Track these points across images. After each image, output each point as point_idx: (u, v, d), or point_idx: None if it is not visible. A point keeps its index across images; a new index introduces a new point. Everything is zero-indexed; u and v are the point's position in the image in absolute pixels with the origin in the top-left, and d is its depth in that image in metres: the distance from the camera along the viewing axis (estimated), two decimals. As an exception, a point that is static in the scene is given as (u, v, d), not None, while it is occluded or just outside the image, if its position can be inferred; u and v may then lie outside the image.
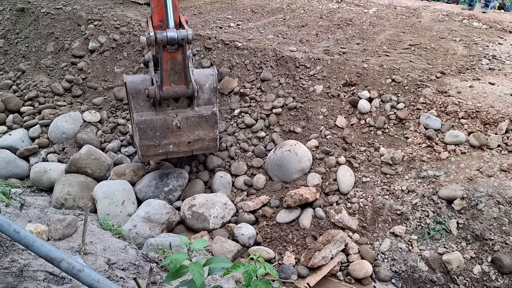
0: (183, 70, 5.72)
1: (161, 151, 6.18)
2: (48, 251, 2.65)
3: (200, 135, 6.24)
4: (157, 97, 5.77)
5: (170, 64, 5.63)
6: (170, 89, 5.79)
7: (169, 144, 6.15)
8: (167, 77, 5.72)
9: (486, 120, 6.34)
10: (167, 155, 6.35)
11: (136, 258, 4.44)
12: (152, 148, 6.11)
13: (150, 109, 5.98)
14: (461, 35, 9.43)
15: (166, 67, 5.64)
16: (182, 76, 5.76)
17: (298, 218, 6.17)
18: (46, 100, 8.82)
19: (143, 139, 6.00)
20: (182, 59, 5.63)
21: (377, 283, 5.51)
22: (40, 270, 3.56)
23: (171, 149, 6.20)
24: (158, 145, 6.10)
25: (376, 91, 7.21)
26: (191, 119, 6.11)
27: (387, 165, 6.50)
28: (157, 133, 6.02)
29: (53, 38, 9.78)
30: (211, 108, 6.21)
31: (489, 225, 5.34)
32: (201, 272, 2.13)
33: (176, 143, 6.18)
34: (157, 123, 5.97)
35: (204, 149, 6.48)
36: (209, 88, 6.19)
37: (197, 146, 6.33)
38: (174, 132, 6.08)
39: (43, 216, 4.82)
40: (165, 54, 5.54)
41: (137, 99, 5.93)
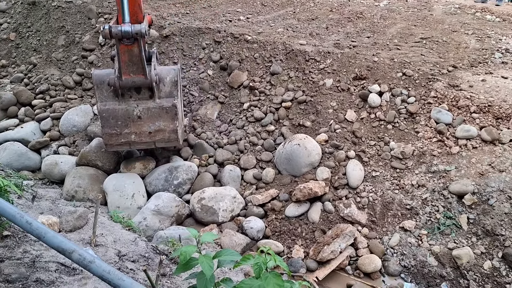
0: (140, 61, 5.97)
1: (123, 141, 6.42)
2: (60, 243, 2.68)
3: (160, 126, 6.42)
4: (116, 85, 6.06)
5: (128, 55, 5.91)
6: (129, 78, 6.07)
7: (130, 134, 6.39)
8: (126, 68, 6.00)
9: (498, 115, 6.27)
10: (129, 145, 6.55)
11: (146, 250, 4.47)
12: (114, 137, 6.37)
13: (113, 99, 6.27)
14: (473, 28, 9.30)
15: (124, 58, 5.92)
16: (140, 67, 6.02)
17: (307, 212, 6.17)
18: (57, 93, 8.89)
19: (105, 127, 6.29)
20: (139, 51, 5.89)
21: (386, 277, 5.50)
22: (52, 261, 3.61)
23: (133, 138, 6.42)
24: (120, 134, 6.35)
25: (387, 85, 7.15)
26: (152, 110, 6.34)
27: (397, 160, 6.46)
28: (118, 121, 6.28)
29: (64, 31, 9.83)
30: (172, 101, 6.39)
31: (500, 220, 5.29)
32: (210, 264, 2.14)
33: (137, 133, 6.41)
34: (118, 112, 6.24)
35: (165, 141, 6.64)
36: (170, 81, 6.39)
37: (158, 137, 6.51)
38: (135, 121, 6.33)
39: (55, 208, 4.88)
40: (122, 46, 5.82)
41: (101, 90, 6.23)
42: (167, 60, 8.68)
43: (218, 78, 8.38)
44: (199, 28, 8.87)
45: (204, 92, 8.30)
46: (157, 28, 9.04)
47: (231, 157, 7.23)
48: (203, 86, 8.32)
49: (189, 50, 8.73)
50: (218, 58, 8.48)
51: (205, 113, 8.08)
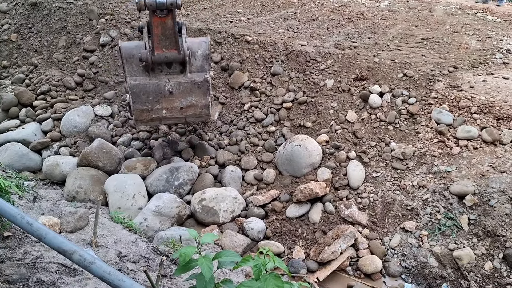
0: (173, 35, 5.80)
1: (154, 116, 6.29)
2: (60, 243, 2.69)
3: (192, 101, 6.32)
4: (148, 61, 5.88)
5: (161, 29, 5.72)
6: (161, 53, 5.90)
7: (161, 109, 6.25)
8: (158, 42, 5.82)
9: (499, 115, 6.26)
10: (160, 120, 6.47)
11: (146, 251, 4.48)
12: (145, 113, 6.22)
13: (143, 74, 6.08)
14: (474, 28, 9.29)
15: (157, 32, 5.73)
16: (173, 41, 5.86)
17: (307, 212, 6.17)
18: (58, 94, 8.90)
19: (136, 103, 6.12)
20: (172, 24, 5.72)
21: (386, 278, 5.49)
22: (53, 262, 3.61)
23: (163, 114, 6.29)
24: (151, 110, 6.21)
25: (387, 85, 7.15)
26: (183, 85, 6.20)
27: (397, 160, 6.46)
28: (150, 97, 6.13)
29: (65, 32, 9.85)
30: (204, 75, 6.26)
31: (501, 221, 5.28)
32: (210, 265, 2.14)
33: (168, 108, 6.28)
34: (150, 88, 6.09)
35: (197, 116, 6.56)
36: (202, 55, 6.23)
37: (189, 112, 6.41)
38: (167, 97, 6.19)
39: (56, 209, 4.88)
40: (155, 19, 5.62)
41: (130, 64, 6.02)
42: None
43: (219, 79, 8.38)
44: (200, 29, 8.88)
45: (205, 92, 8.30)
46: (158, 29, 9.04)
47: (232, 158, 7.24)
48: (204, 87, 8.31)
49: (190, 51, 8.72)
50: (219, 59, 8.49)
51: (206, 113, 8.08)
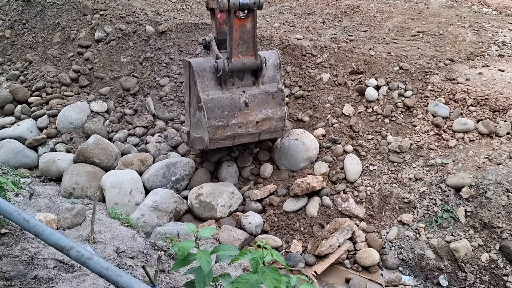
0: (251, 39, 5.60)
1: (229, 133, 5.94)
2: (58, 240, 2.68)
3: (268, 114, 6.05)
4: (226, 70, 5.62)
5: (240, 32, 5.49)
6: (238, 60, 5.67)
7: (237, 125, 5.92)
8: (236, 48, 5.59)
9: (495, 107, 6.27)
10: (234, 139, 6.11)
11: (144, 247, 4.48)
12: (220, 130, 5.85)
13: (215, 88, 5.83)
14: (470, 21, 9.29)
15: (236, 36, 5.49)
16: (250, 46, 5.66)
17: (305, 206, 6.18)
18: (54, 90, 8.86)
19: (211, 119, 5.74)
20: (252, 26, 5.52)
21: (384, 271, 5.52)
22: (50, 258, 3.61)
23: (239, 130, 5.97)
24: (227, 126, 5.86)
25: (384, 78, 7.15)
26: (258, 96, 5.94)
27: (394, 153, 6.47)
28: (225, 111, 5.81)
29: (59, 28, 9.78)
30: (277, 85, 6.09)
31: (498, 213, 5.31)
32: (208, 259, 2.14)
33: (244, 123, 5.97)
34: (224, 101, 5.79)
35: (272, 130, 6.29)
36: (273, 65, 6.05)
37: (265, 126, 6.12)
38: (242, 110, 5.89)
39: (52, 205, 4.88)
40: (236, 21, 5.39)
41: (202, 78, 5.77)
42: (163, 56, 8.65)
43: (215, 74, 8.34)
44: (195, 24, 8.84)
45: (201, 87, 8.27)
46: (153, 24, 9.00)
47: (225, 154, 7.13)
48: (200, 81, 8.28)
49: (185, 46, 8.70)
50: (215, 53, 8.44)
51: (202, 109, 8.06)
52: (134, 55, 8.90)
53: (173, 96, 8.26)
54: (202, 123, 5.87)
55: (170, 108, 8.18)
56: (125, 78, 8.68)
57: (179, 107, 8.16)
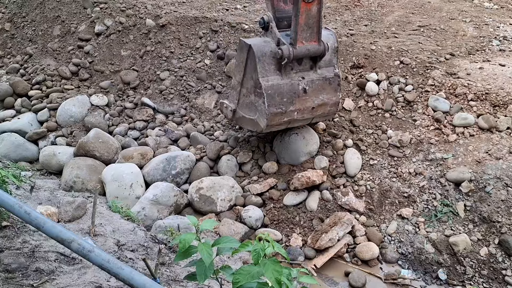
0: (316, 24, 5.39)
1: (285, 119, 5.86)
2: (59, 232, 2.69)
3: (324, 99, 5.95)
4: (291, 57, 5.42)
5: (305, 17, 5.25)
6: (303, 47, 5.46)
7: (294, 111, 5.83)
8: (300, 33, 5.35)
9: (495, 102, 6.28)
10: (288, 123, 6.07)
11: (145, 240, 4.50)
12: (278, 116, 5.76)
13: (274, 73, 5.65)
14: (471, 15, 9.26)
15: (301, 21, 5.25)
16: (315, 31, 5.45)
17: (305, 200, 6.19)
18: (54, 83, 8.84)
19: (271, 106, 5.60)
20: (317, 10, 5.31)
21: (383, 264, 5.55)
22: (51, 251, 3.63)
23: (295, 116, 5.88)
24: (284, 112, 5.76)
25: (384, 73, 7.14)
26: (316, 82, 5.82)
27: (394, 148, 6.48)
28: (284, 98, 5.67)
29: (59, 21, 9.74)
30: (333, 70, 5.96)
31: (497, 207, 5.33)
32: (209, 252, 2.15)
33: (301, 109, 5.87)
34: (283, 88, 5.65)
35: (325, 115, 6.25)
36: (331, 48, 5.83)
37: (319, 112, 6.06)
38: (300, 97, 5.76)
39: (53, 198, 4.89)
40: (303, 4, 5.13)
41: (262, 63, 5.55)
42: (163, 49, 8.63)
43: (215, 68, 8.33)
44: (195, 17, 8.81)
45: (201, 81, 8.27)
46: (153, 17, 8.97)
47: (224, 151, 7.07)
48: (200, 75, 8.28)
49: (185, 40, 8.67)
50: (215, 47, 8.43)
51: (203, 102, 8.06)
52: (134, 49, 8.87)
53: (173, 90, 8.25)
54: (258, 108, 5.74)
55: (170, 102, 8.18)
56: (125, 71, 8.66)
57: (179, 101, 8.16)
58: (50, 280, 3.24)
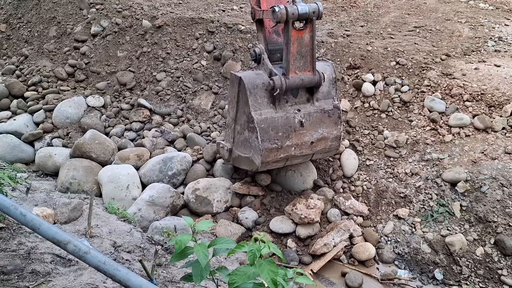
0: (309, 52, 5.17)
1: (282, 156, 5.53)
2: (55, 234, 2.68)
3: (323, 134, 5.65)
4: (283, 88, 5.15)
5: (297, 45, 5.04)
6: (296, 77, 5.21)
7: (291, 146, 5.51)
8: (293, 63, 5.14)
9: (491, 103, 6.30)
10: (286, 160, 5.72)
11: (141, 241, 4.49)
12: (273, 152, 5.42)
13: (268, 106, 5.36)
14: (467, 16, 9.29)
15: (293, 50, 5.04)
16: (308, 60, 5.23)
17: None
18: (50, 85, 8.81)
19: (264, 141, 5.29)
20: (310, 38, 5.10)
21: (380, 265, 5.55)
22: (47, 252, 3.62)
23: (293, 152, 5.56)
24: (280, 148, 5.44)
25: (380, 74, 7.16)
26: (313, 114, 5.53)
27: (391, 148, 6.50)
28: (279, 133, 5.37)
29: (55, 22, 9.73)
30: (332, 102, 5.68)
31: (493, 207, 5.35)
32: (206, 252, 2.15)
33: (298, 144, 5.56)
34: (278, 122, 5.35)
35: (326, 151, 5.91)
36: (328, 79, 5.59)
37: (319, 147, 5.74)
38: (297, 131, 5.49)
39: (49, 200, 4.88)
40: (294, 33, 4.94)
41: (254, 96, 5.28)
42: (160, 50, 8.62)
43: (211, 69, 8.34)
44: (192, 18, 8.81)
45: (198, 82, 8.27)
46: (150, 18, 8.97)
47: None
48: (197, 76, 8.28)
49: (182, 41, 8.67)
50: (212, 48, 8.43)
51: (199, 103, 8.06)
52: (131, 50, 8.87)
53: (170, 91, 8.25)
54: (252, 144, 5.46)
55: (167, 103, 8.17)
56: (121, 72, 8.65)
57: (176, 102, 8.15)
58: (46, 282, 3.23)
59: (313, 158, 6.06)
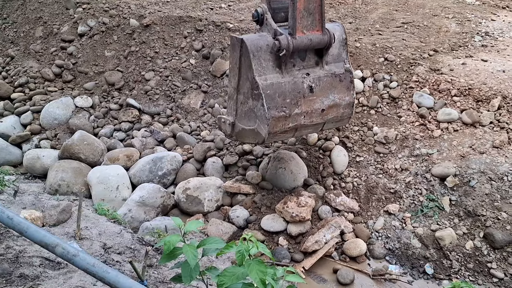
0: (318, 9, 4.75)
1: (291, 125, 5.09)
2: (43, 237, 2.66)
3: (335, 100, 5.23)
4: (290, 48, 4.73)
5: (304, 1, 4.63)
6: (303, 36, 4.78)
7: (300, 115, 5.08)
8: (300, 21, 4.71)
9: (478, 97, 6.35)
10: (295, 131, 5.32)
11: (132, 242, 4.46)
12: (281, 121, 4.98)
13: (273, 71, 4.91)
14: (454, 12, 9.36)
15: (300, 6, 4.62)
16: (317, 18, 4.79)
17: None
18: (37, 86, 8.72)
19: (271, 109, 4.84)
20: None
21: (371, 260, 5.58)
22: (36, 256, 3.58)
23: (302, 121, 5.13)
24: (289, 116, 5.00)
25: (369, 70, 7.19)
26: (324, 79, 5.10)
27: (380, 144, 6.52)
28: (286, 99, 4.92)
29: (41, 22, 9.62)
30: (343, 65, 5.30)
31: (481, 201, 5.40)
32: (194, 253, 2.14)
33: (308, 112, 5.12)
34: (285, 87, 4.90)
35: (338, 119, 5.53)
36: (339, 41, 5.18)
37: (331, 115, 5.33)
38: (306, 97, 5.04)
39: (37, 202, 4.82)
40: None
41: (258, 59, 4.82)
42: (148, 50, 8.56)
43: (200, 67, 8.30)
44: (180, 17, 8.76)
45: (187, 81, 8.23)
46: (137, 17, 8.90)
47: (210, 153, 7.01)
48: (186, 75, 8.24)
49: (170, 39, 8.62)
50: (200, 46, 8.40)
51: (189, 102, 8.02)
52: (119, 49, 8.80)
53: (158, 90, 8.20)
54: (257, 114, 4.98)
55: (156, 103, 8.13)
56: (109, 72, 8.58)
57: (165, 101, 8.11)
58: (35, 286, 3.20)
59: (324, 128, 5.69)
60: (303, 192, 6.03)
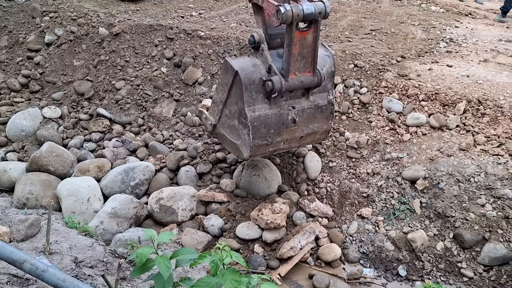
0: (311, 53, 4.89)
1: (271, 149, 5.43)
2: (10, 253, 2.58)
3: (314, 129, 5.51)
4: (282, 91, 4.90)
5: (299, 47, 4.76)
6: (295, 78, 4.94)
7: (281, 142, 5.37)
8: (293, 64, 4.85)
9: (444, 102, 6.55)
10: (273, 152, 5.70)
11: (104, 255, 4.36)
12: (263, 148, 5.28)
13: (262, 101, 5.09)
14: (419, 19, 9.64)
15: (295, 51, 4.76)
16: (309, 61, 4.94)
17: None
18: (2, 97, 8.47)
19: (256, 139, 5.10)
20: (313, 39, 4.80)
21: (346, 265, 5.64)
22: (3, 273, 3.46)
23: (281, 146, 5.44)
24: (270, 144, 5.28)
25: (340, 76, 7.30)
26: (307, 110, 5.34)
27: (352, 149, 6.62)
28: (271, 130, 5.18)
29: (6, 31, 9.36)
30: (327, 96, 5.47)
31: (450, 202, 5.54)
32: (168, 264, 2.11)
33: (288, 140, 5.42)
34: (271, 119, 5.14)
35: (313, 143, 5.98)
36: (327, 73, 5.31)
37: (307, 140, 5.68)
38: (289, 127, 5.30)
39: (4, 217, 4.66)
40: (297, 34, 4.64)
41: (250, 91, 4.99)
42: (118, 58, 8.45)
43: (172, 76, 8.25)
44: (150, 25, 8.69)
45: (159, 90, 8.16)
46: (107, 26, 8.78)
47: (183, 161, 6.94)
48: (157, 84, 8.17)
49: (141, 48, 8.53)
50: (172, 55, 8.34)
51: (161, 111, 7.94)
52: (88, 58, 8.65)
53: (130, 100, 8.09)
54: (241, 137, 5.25)
55: (127, 112, 8.01)
56: (79, 82, 8.42)
57: (136, 110, 8.01)
58: (2, 304, 3.09)
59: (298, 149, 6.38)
60: (277, 198, 6.05)
